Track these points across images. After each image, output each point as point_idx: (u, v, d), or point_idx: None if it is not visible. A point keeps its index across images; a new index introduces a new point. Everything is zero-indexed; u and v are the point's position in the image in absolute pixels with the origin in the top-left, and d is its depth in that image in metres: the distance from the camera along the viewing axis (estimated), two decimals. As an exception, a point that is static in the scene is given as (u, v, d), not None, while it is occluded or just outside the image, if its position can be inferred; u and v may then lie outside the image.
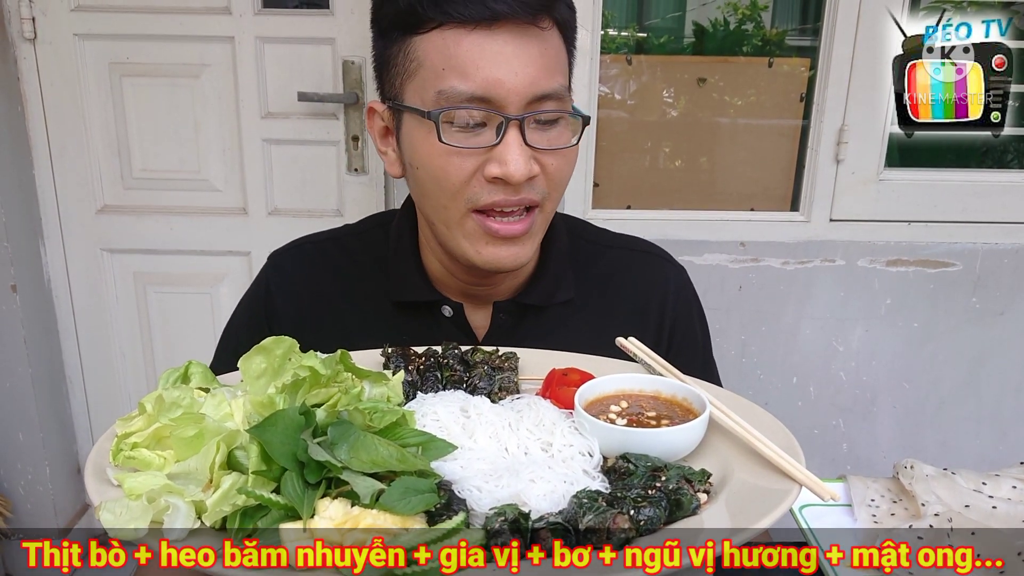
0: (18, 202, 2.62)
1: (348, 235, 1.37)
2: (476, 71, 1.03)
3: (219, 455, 0.75)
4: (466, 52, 1.03)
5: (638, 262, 1.36)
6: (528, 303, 1.26)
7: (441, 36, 1.04)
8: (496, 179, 1.06)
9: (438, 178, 1.09)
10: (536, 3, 1.04)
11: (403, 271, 1.26)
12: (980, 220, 2.62)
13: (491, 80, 1.03)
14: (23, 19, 2.53)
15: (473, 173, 1.07)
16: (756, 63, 2.68)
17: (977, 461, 2.81)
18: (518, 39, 1.04)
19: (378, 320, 1.26)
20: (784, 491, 0.83)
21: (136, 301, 2.84)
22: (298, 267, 1.33)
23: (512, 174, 1.04)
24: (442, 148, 1.06)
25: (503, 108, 1.04)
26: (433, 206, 1.13)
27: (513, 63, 1.03)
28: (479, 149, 1.05)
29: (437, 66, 1.05)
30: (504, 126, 1.04)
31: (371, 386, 0.93)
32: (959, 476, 1.06)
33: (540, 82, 1.05)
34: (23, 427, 2.75)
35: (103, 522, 0.69)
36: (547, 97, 1.07)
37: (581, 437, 0.93)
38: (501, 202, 1.08)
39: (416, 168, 1.12)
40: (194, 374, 0.93)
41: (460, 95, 1.03)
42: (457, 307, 1.25)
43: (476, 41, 1.03)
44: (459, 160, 1.06)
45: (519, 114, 1.04)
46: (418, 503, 0.75)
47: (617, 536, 0.74)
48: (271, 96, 2.63)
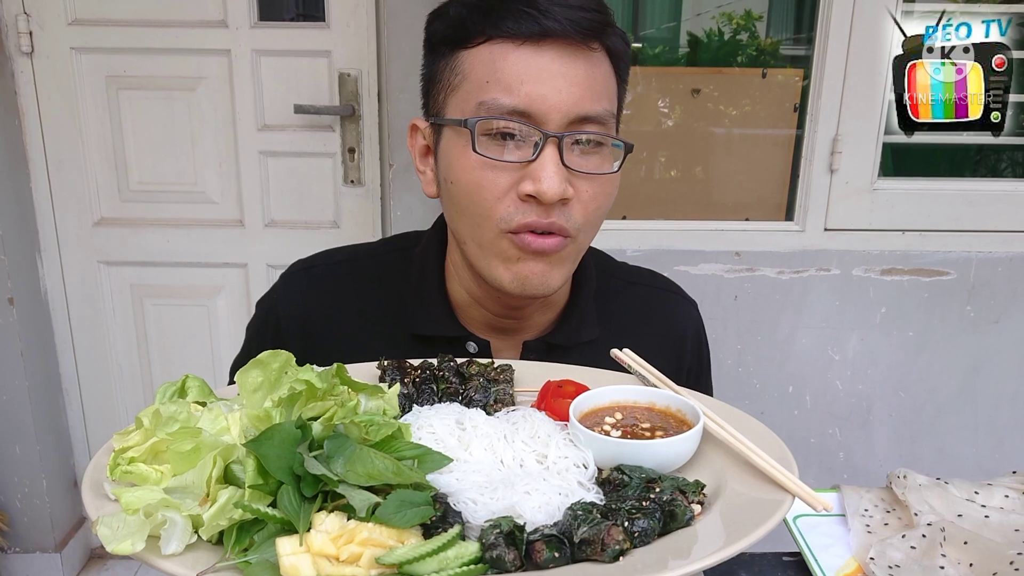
0: (15, 215, 2.62)
1: (365, 258, 1.32)
2: (520, 85, 1.02)
3: (216, 469, 0.76)
4: (512, 66, 1.03)
5: (658, 301, 1.36)
6: (555, 343, 1.23)
7: (488, 50, 1.04)
8: (529, 197, 1.04)
9: (471, 193, 1.07)
10: (587, 24, 1.04)
11: (427, 302, 1.23)
12: (974, 229, 2.63)
13: (534, 95, 1.02)
14: (20, 33, 2.54)
15: (507, 190, 1.05)
16: (750, 74, 2.70)
17: (973, 469, 2.82)
18: (565, 58, 1.04)
19: (389, 351, 1.16)
20: (777, 502, 0.83)
21: (133, 313, 2.85)
22: (309, 289, 1.29)
23: (545, 191, 1.02)
24: (477, 160, 1.04)
25: (543, 124, 1.03)
26: (467, 224, 1.10)
27: (558, 80, 1.03)
28: (514, 164, 1.04)
29: (481, 78, 1.04)
30: (542, 142, 1.03)
31: (367, 399, 0.94)
32: (952, 486, 1.06)
33: (584, 103, 1.04)
34: (20, 440, 2.75)
35: (100, 537, 0.69)
36: (589, 119, 1.05)
37: (576, 449, 0.93)
38: (533, 223, 1.05)
39: (451, 183, 1.10)
40: (191, 388, 0.93)
41: (501, 107, 1.03)
42: (484, 344, 1.22)
43: (523, 56, 1.03)
44: (493, 175, 1.05)
45: (558, 132, 1.03)
46: (414, 516, 0.75)
47: (611, 548, 0.75)
48: (268, 109, 2.64)
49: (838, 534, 1.04)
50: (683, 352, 1.34)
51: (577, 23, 1.03)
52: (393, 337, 1.24)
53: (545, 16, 1.02)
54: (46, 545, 2.87)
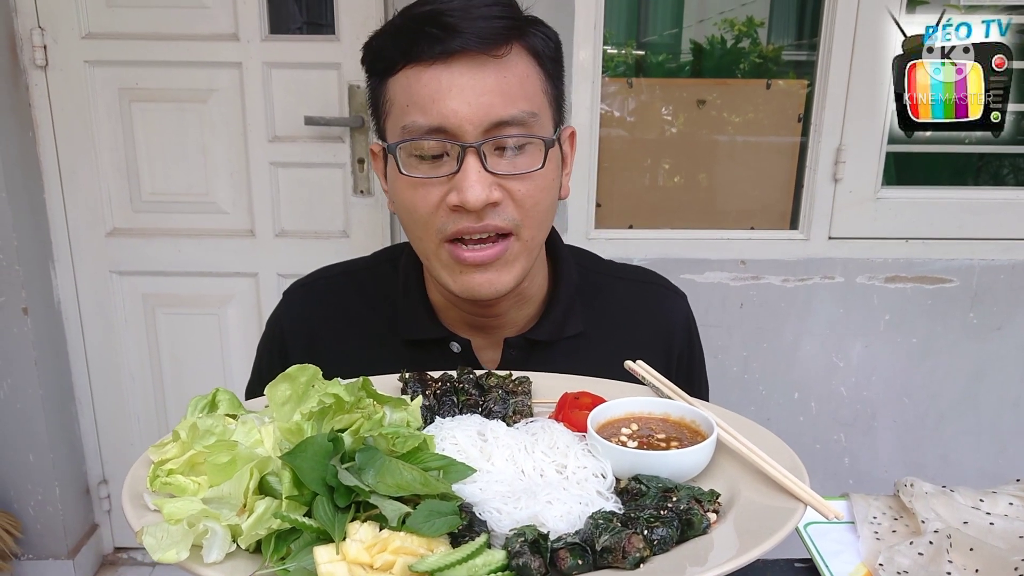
0: (30, 226, 2.66)
1: (360, 270, 1.39)
2: (432, 104, 1.07)
3: (252, 481, 0.79)
4: (424, 87, 1.08)
5: (644, 294, 1.38)
6: (537, 339, 1.27)
7: (405, 75, 1.10)
8: (457, 207, 1.09)
9: (408, 210, 1.14)
10: (493, 33, 1.08)
11: (410, 308, 1.28)
12: (976, 237, 2.66)
13: (447, 111, 1.07)
14: (35, 47, 2.58)
15: (438, 203, 1.10)
16: (754, 84, 2.73)
17: (977, 475, 2.84)
18: (474, 70, 1.08)
19: (389, 357, 1.26)
20: (790, 510, 0.86)
21: (145, 322, 2.88)
22: (310, 306, 1.35)
23: (468, 200, 1.07)
24: (407, 180, 1.11)
25: (460, 137, 1.08)
26: (413, 238, 1.19)
27: (467, 93, 1.07)
28: (440, 179, 1.09)
29: (403, 103, 1.10)
30: (462, 154, 1.07)
31: (391, 411, 0.97)
32: (957, 493, 1.09)
33: (496, 109, 1.08)
34: (33, 448, 2.78)
35: (147, 547, 0.72)
36: (507, 124, 1.09)
37: (594, 459, 0.96)
38: (465, 229, 1.10)
39: (393, 202, 1.18)
40: (221, 401, 0.97)
41: (420, 128, 1.08)
42: (465, 343, 1.27)
43: (434, 75, 1.08)
44: (424, 191, 1.11)
45: (476, 142, 1.07)
46: (442, 525, 0.78)
47: (632, 555, 0.78)
48: (278, 120, 2.68)
49: (848, 541, 1.06)
50: (671, 344, 1.37)
51: (482, 34, 1.07)
52: (391, 344, 1.29)
53: (451, 34, 1.06)
54: (59, 552, 2.90)
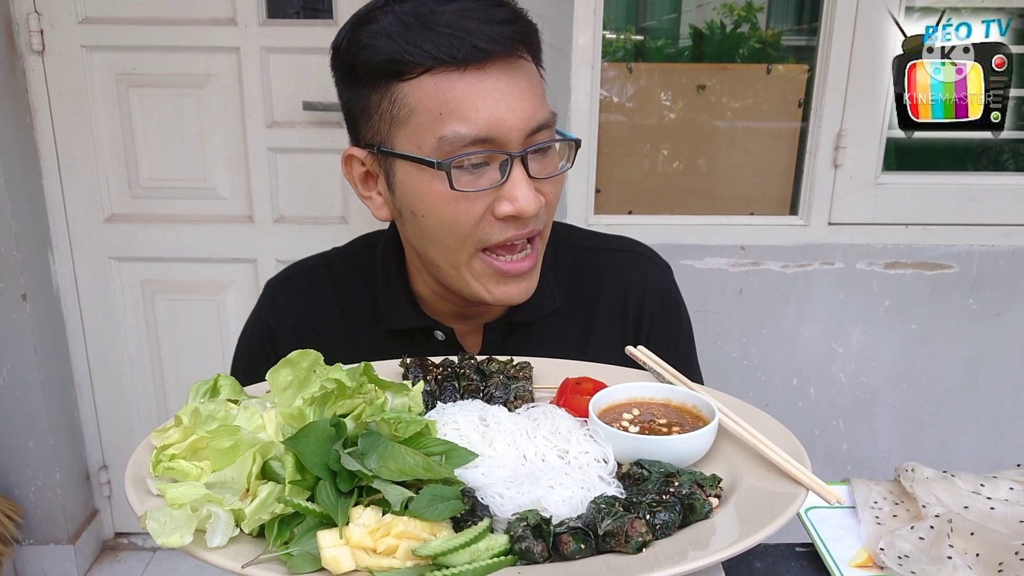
0: (27, 212, 2.65)
1: (337, 259, 1.36)
2: (476, 113, 1.03)
3: (255, 466, 0.79)
4: (462, 95, 1.03)
5: (619, 262, 1.35)
6: (515, 321, 1.27)
7: (433, 81, 1.03)
8: (508, 217, 1.07)
9: (447, 224, 1.08)
10: (516, 37, 1.06)
11: (394, 299, 1.27)
12: (977, 223, 2.66)
13: (492, 120, 1.03)
14: (31, 32, 2.56)
15: (483, 214, 1.07)
16: (754, 69, 2.72)
17: (976, 460, 2.85)
18: (508, 75, 1.05)
19: (372, 347, 1.23)
20: (792, 495, 0.86)
21: (144, 308, 2.88)
22: (293, 300, 1.33)
23: (525, 209, 1.05)
24: (452, 195, 1.05)
25: (505, 146, 1.05)
26: (440, 250, 1.13)
27: (510, 100, 1.04)
28: (487, 190, 1.06)
29: (433, 111, 1.04)
30: (510, 164, 1.05)
31: (393, 397, 0.97)
32: (958, 478, 1.09)
33: (536, 114, 1.07)
34: (33, 434, 2.79)
35: (150, 531, 0.72)
36: (542, 127, 1.08)
37: (596, 444, 0.96)
38: (514, 237, 1.09)
39: (422, 216, 1.10)
40: (223, 386, 0.97)
41: (463, 139, 1.03)
42: (448, 331, 1.26)
43: (471, 83, 1.03)
44: (468, 204, 1.06)
45: (520, 150, 1.05)
46: (445, 510, 0.78)
47: (635, 540, 0.78)
48: (276, 105, 2.67)
49: (849, 526, 1.07)
50: (641, 305, 1.32)
51: (507, 38, 1.04)
52: (375, 332, 1.28)
53: (477, 37, 1.02)
54: (59, 537, 2.91)
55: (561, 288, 1.29)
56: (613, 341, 1.27)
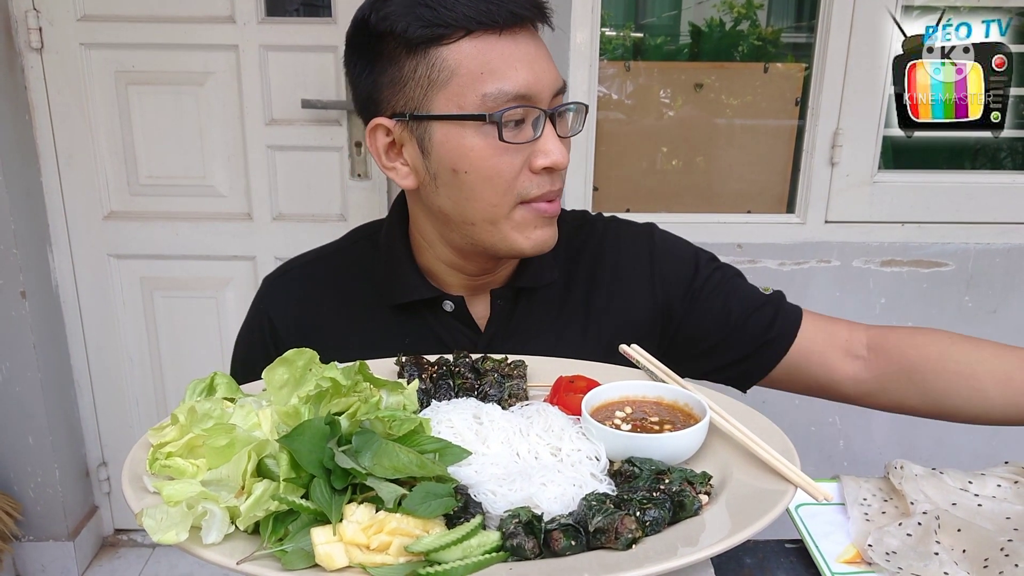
0: (26, 209, 2.66)
1: (334, 253, 1.40)
2: (515, 72, 1.11)
3: (250, 463, 0.80)
4: (501, 55, 1.11)
5: (603, 231, 1.41)
6: (521, 286, 1.32)
7: (472, 44, 1.10)
8: (544, 169, 1.15)
9: (491, 177, 1.15)
10: (539, 7, 1.16)
11: (400, 274, 1.30)
12: (972, 221, 2.67)
13: (530, 79, 1.12)
14: (30, 29, 2.56)
15: (522, 167, 1.15)
16: (752, 68, 2.73)
17: (971, 457, 2.86)
18: (534, 40, 1.15)
19: (375, 327, 1.31)
20: (780, 492, 0.87)
21: (143, 306, 2.88)
22: (292, 290, 1.37)
23: (559, 161, 1.14)
24: (495, 148, 1.12)
25: (538, 104, 1.13)
26: (482, 206, 1.17)
27: (540, 62, 1.14)
28: (524, 144, 1.14)
29: (475, 71, 1.11)
30: (543, 120, 1.14)
31: (388, 395, 0.98)
32: (947, 475, 1.11)
33: (558, 78, 1.16)
34: (32, 430, 2.80)
35: (146, 528, 0.74)
36: (561, 90, 1.18)
37: (588, 442, 0.97)
38: (548, 192, 1.17)
39: (465, 172, 1.15)
40: (219, 384, 0.98)
41: (506, 95, 1.11)
42: (458, 300, 1.30)
43: (507, 45, 1.11)
44: (509, 157, 1.14)
45: (550, 109, 1.15)
46: (438, 507, 0.79)
47: (625, 536, 0.79)
48: (275, 103, 2.67)
49: (838, 522, 1.08)
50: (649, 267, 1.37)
51: (533, 7, 1.14)
52: (375, 317, 1.32)
53: (511, 4, 1.11)
54: (59, 534, 2.92)
55: (559, 261, 1.34)
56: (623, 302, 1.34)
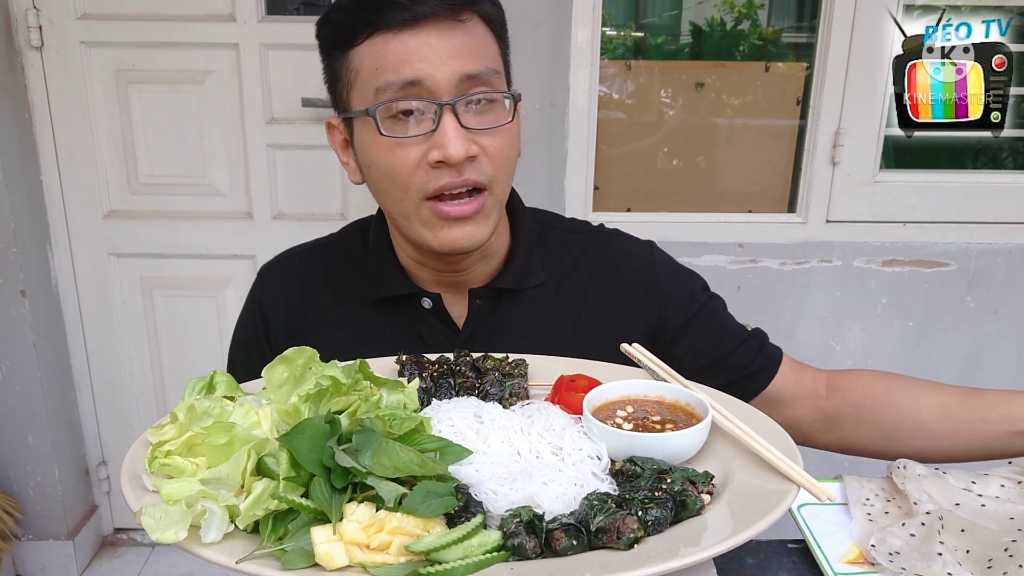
0: (26, 208, 2.65)
1: (330, 243, 1.43)
2: (405, 65, 1.11)
3: (250, 462, 0.80)
4: (394, 51, 1.11)
5: (602, 242, 1.41)
6: (502, 287, 1.31)
7: (372, 44, 1.12)
8: (439, 163, 1.12)
9: (388, 172, 1.16)
10: (457, 2, 1.12)
11: (381, 268, 1.32)
12: (974, 220, 2.67)
13: (420, 68, 1.10)
14: (30, 27, 2.56)
15: (418, 162, 1.13)
16: (753, 67, 2.72)
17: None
18: (441, 33, 1.12)
19: (363, 319, 1.32)
20: (783, 492, 0.87)
21: (143, 305, 2.88)
22: (286, 279, 1.39)
23: (451, 155, 1.10)
24: (386, 142, 1.13)
25: (436, 95, 1.11)
26: (391, 201, 1.20)
27: (439, 52, 1.11)
28: (419, 137, 1.13)
29: (372, 68, 1.13)
30: (439, 111, 1.11)
31: (388, 393, 0.97)
32: (950, 476, 1.10)
33: (466, 65, 1.12)
34: (32, 430, 2.79)
35: (145, 527, 0.73)
36: (475, 79, 1.13)
37: (590, 441, 0.97)
38: (448, 184, 1.14)
39: (369, 168, 1.19)
40: (219, 383, 0.97)
41: (394, 86, 1.11)
42: (435, 297, 1.30)
43: (403, 40, 1.11)
44: (403, 151, 1.13)
45: (451, 99, 1.12)
46: (439, 506, 0.79)
47: (627, 536, 0.79)
48: (275, 102, 2.67)
49: (841, 522, 1.07)
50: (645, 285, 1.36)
51: (445, 3, 1.11)
52: (361, 309, 1.33)
53: (416, 2, 1.10)
54: (59, 533, 2.92)
55: (549, 265, 1.34)
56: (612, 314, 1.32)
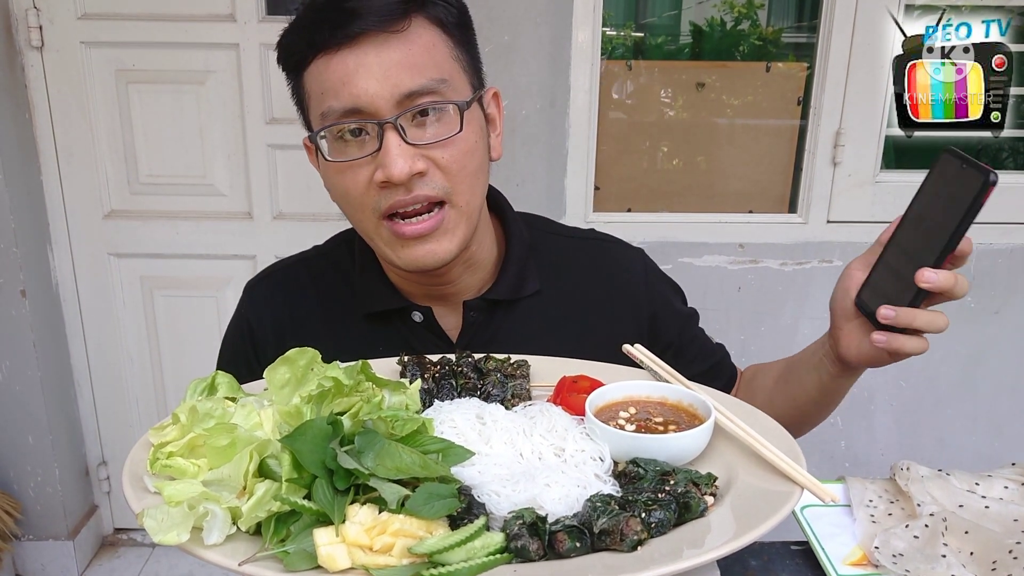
0: (27, 208, 2.65)
1: (316, 256, 1.41)
2: (343, 87, 1.09)
3: (252, 463, 0.79)
4: (333, 73, 1.09)
5: (598, 250, 1.41)
6: (496, 299, 1.29)
7: (316, 66, 1.11)
8: (384, 183, 1.10)
9: (343, 194, 1.16)
10: (390, 10, 1.09)
11: (369, 283, 1.31)
12: (975, 221, 2.65)
13: (358, 92, 1.08)
14: (30, 28, 2.56)
15: (368, 183, 1.12)
16: (754, 67, 2.72)
17: (973, 458, 2.85)
18: (379, 48, 1.09)
19: (353, 334, 1.30)
20: (787, 494, 0.86)
21: (143, 305, 2.88)
22: (272, 295, 1.37)
23: (393, 174, 1.08)
24: (337, 167, 1.13)
25: (376, 115, 1.09)
26: (354, 221, 1.20)
27: (374, 71, 1.08)
28: (365, 159, 1.11)
29: (317, 92, 1.12)
30: (381, 131, 1.09)
31: (390, 395, 0.97)
32: (953, 477, 1.10)
33: (404, 82, 1.09)
34: (32, 430, 2.79)
35: (147, 529, 0.73)
36: (417, 94, 1.10)
37: (592, 442, 0.96)
38: (398, 203, 1.12)
39: (329, 189, 1.19)
40: (221, 384, 0.97)
41: (335, 112, 1.09)
42: (426, 311, 1.28)
43: (342, 59, 1.09)
44: (352, 173, 1.12)
45: (391, 117, 1.09)
46: (441, 508, 0.79)
47: (630, 538, 0.78)
48: (275, 102, 2.67)
49: (844, 524, 1.07)
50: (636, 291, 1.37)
51: (380, 12, 1.08)
52: (350, 324, 1.32)
53: (351, 17, 1.07)
54: (59, 533, 2.92)
55: (543, 273, 1.33)
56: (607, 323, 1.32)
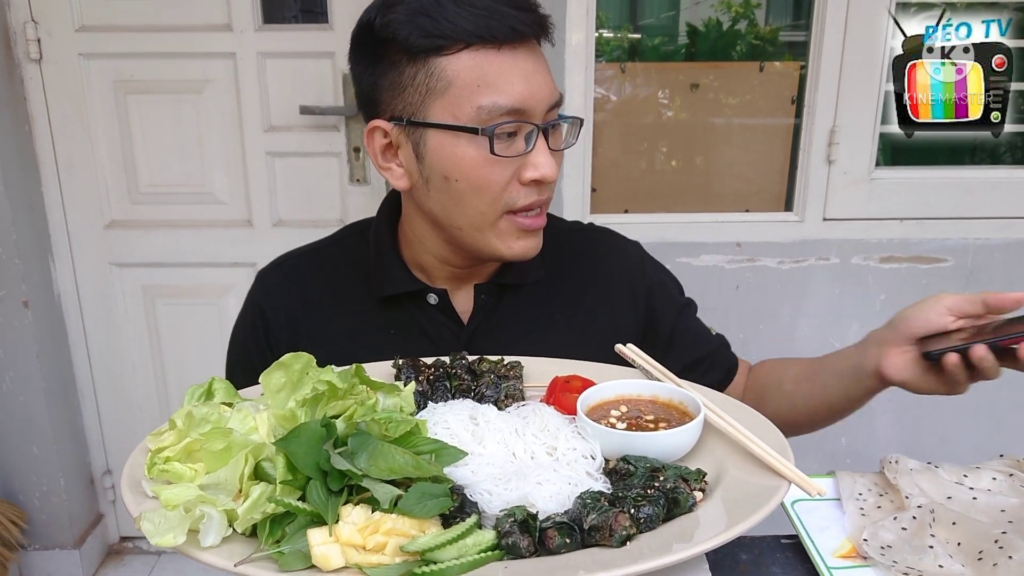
0: (27, 219, 2.67)
1: (327, 246, 1.44)
2: (511, 86, 1.13)
3: (247, 467, 0.81)
4: (498, 70, 1.13)
5: (597, 240, 1.46)
6: (506, 283, 1.34)
7: (471, 56, 1.12)
8: (532, 182, 1.17)
9: (480, 187, 1.17)
10: (540, 23, 1.17)
11: (387, 267, 1.34)
12: (971, 216, 2.67)
13: (524, 94, 1.13)
14: (29, 40, 2.58)
15: (511, 179, 1.17)
16: (748, 67, 2.73)
17: (973, 452, 2.83)
18: (533, 56, 1.16)
19: (365, 318, 1.34)
20: (774, 488, 0.88)
21: (145, 313, 2.90)
22: (284, 282, 1.40)
23: (548, 175, 1.17)
24: (487, 159, 1.15)
25: (532, 117, 1.15)
26: (469, 211, 1.20)
27: (536, 77, 1.15)
28: (515, 157, 1.16)
29: (471, 83, 1.13)
30: (535, 134, 1.16)
31: (385, 397, 0.99)
32: (942, 469, 1.11)
33: (554, 92, 1.18)
34: (37, 439, 2.81)
35: (144, 532, 0.74)
36: (556, 105, 1.19)
37: (584, 441, 0.98)
38: (537, 202, 1.20)
39: (455, 180, 1.18)
40: (217, 390, 0.99)
41: (500, 109, 1.13)
42: (442, 293, 1.33)
43: (506, 59, 1.13)
44: (500, 168, 1.16)
45: (544, 123, 1.16)
46: (434, 507, 0.80)
47: (619, 533, 0.80)
48: (273, 110, 2.69)
49: (834, 517, 1.08)
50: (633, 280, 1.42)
51: (534, 23, 1.15)
52: (362, 309, 1.35)
53: (513, 20, 1.12)
54: (64, 542, 2.93)
55: (547, 262, 1.36)
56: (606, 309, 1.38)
